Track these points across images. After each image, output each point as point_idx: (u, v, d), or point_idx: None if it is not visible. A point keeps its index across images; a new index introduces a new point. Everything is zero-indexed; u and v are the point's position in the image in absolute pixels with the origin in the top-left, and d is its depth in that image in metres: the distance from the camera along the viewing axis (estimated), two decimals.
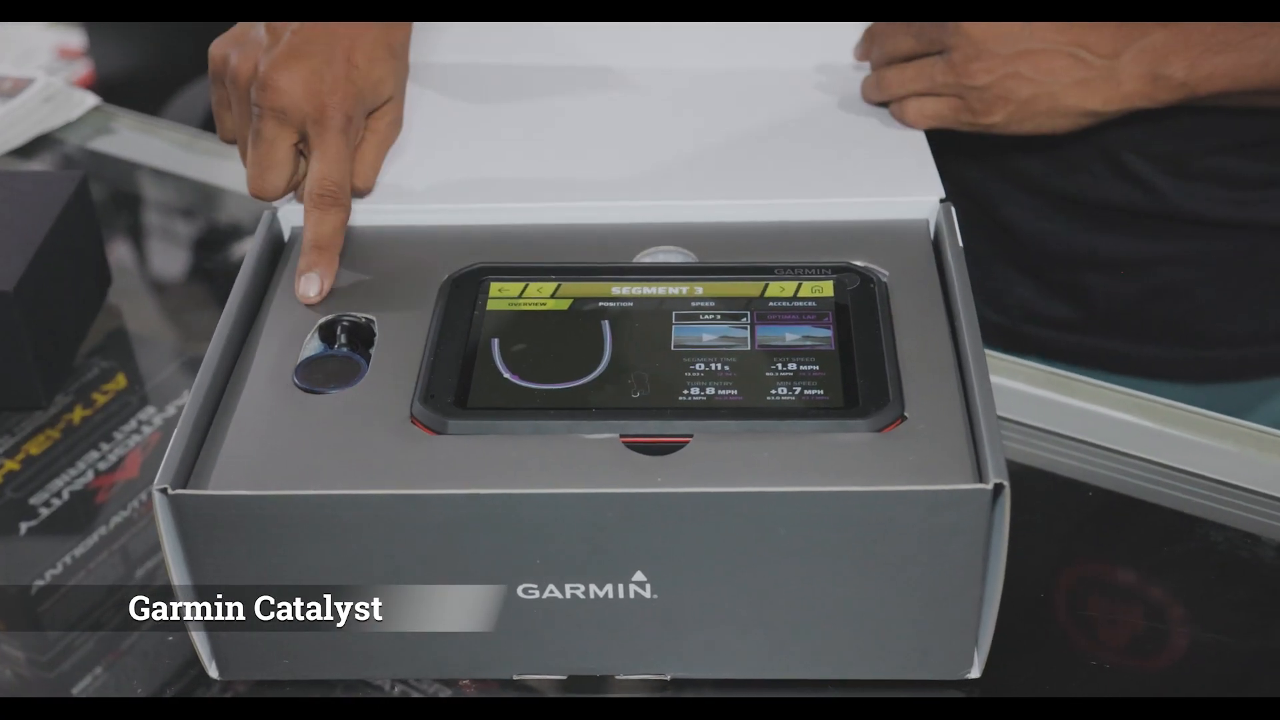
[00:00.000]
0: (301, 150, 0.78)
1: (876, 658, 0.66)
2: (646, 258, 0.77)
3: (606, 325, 0.71)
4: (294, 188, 0.79)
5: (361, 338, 0.71)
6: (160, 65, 1.84)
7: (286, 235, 0.79)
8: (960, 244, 0.74)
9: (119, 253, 1.10)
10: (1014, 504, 0.60)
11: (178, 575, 0.64)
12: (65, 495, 0.85)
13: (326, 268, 0.74)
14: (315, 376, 0.68)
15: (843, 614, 0.64)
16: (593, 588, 0.64)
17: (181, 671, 0.73)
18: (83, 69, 2.04)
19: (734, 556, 0.63)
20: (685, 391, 0.67)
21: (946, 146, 0.84)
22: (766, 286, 0.73)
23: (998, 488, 0.60)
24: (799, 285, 0.74)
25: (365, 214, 0.79)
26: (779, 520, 0.62)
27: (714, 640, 0.66)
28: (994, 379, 0.79)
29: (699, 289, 0.74)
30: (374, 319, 0.72)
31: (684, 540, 0.62)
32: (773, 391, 0.67)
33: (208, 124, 1.54)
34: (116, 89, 1.64)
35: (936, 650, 0.65)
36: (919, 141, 0.84)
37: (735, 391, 0.67)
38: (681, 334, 0.71)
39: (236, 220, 1.12)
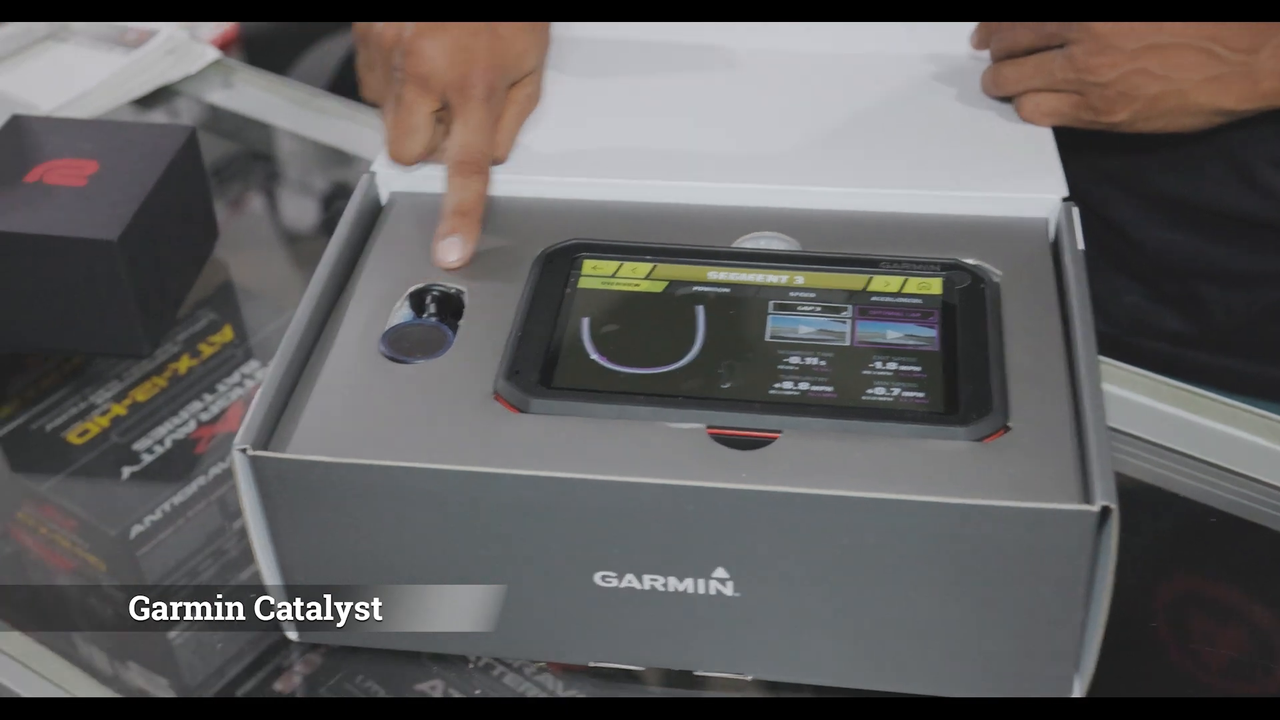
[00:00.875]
0: (441, 117, 0.77)
1: (968, 676, 0.63)
2: (747, 243, 0.74)
3: (700, 311, 0.69)
4: (430, 154, 0.78)
5: (451, 308, 0.70)
6: (302, 25, 1.84)
7: (384, 199, 0.78)
8: (1081, 247, 0.70)
9: (229, 206, 1.11)
10: (1123, 522, 0.57)
11: (256, 535, 0.63)
12: (168, 443, 0.86)
13: (468, 233, 0.73)
14: (401, 345, 0.67)
15: (932, 628, 0.62)
16: (672, 580, 0.62)
17: (261, 634, 0.73)
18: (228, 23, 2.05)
19: (820, 560, 0.60)
20: (777, 385, 0.65)
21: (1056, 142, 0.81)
22: (870, 280, 0.71)
23: (1105, 510, 0.57)
24: (905, 281, 0.71)
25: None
26: (868, 527, 0.59)
27: (796, 644, 0.63)
28: (1107, 387, 0.75)
29: (799, 278, 0.71)
30: (464, 290, 0.71)
31: (768, 539, 0.60)
32: (869, 391, 0.64)
33: (332, 84, 1.55)
34: (257, 41, 1.65)
35: (1034, 675, 0.62)
36: (1044, 137, 0.80)
37: (830, 388, 0.64)
38: (778, 324, 0.68)
39: (348, 180, 1.12)
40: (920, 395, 0.64)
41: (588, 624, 0.64)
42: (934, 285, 0.70)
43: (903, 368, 0.65)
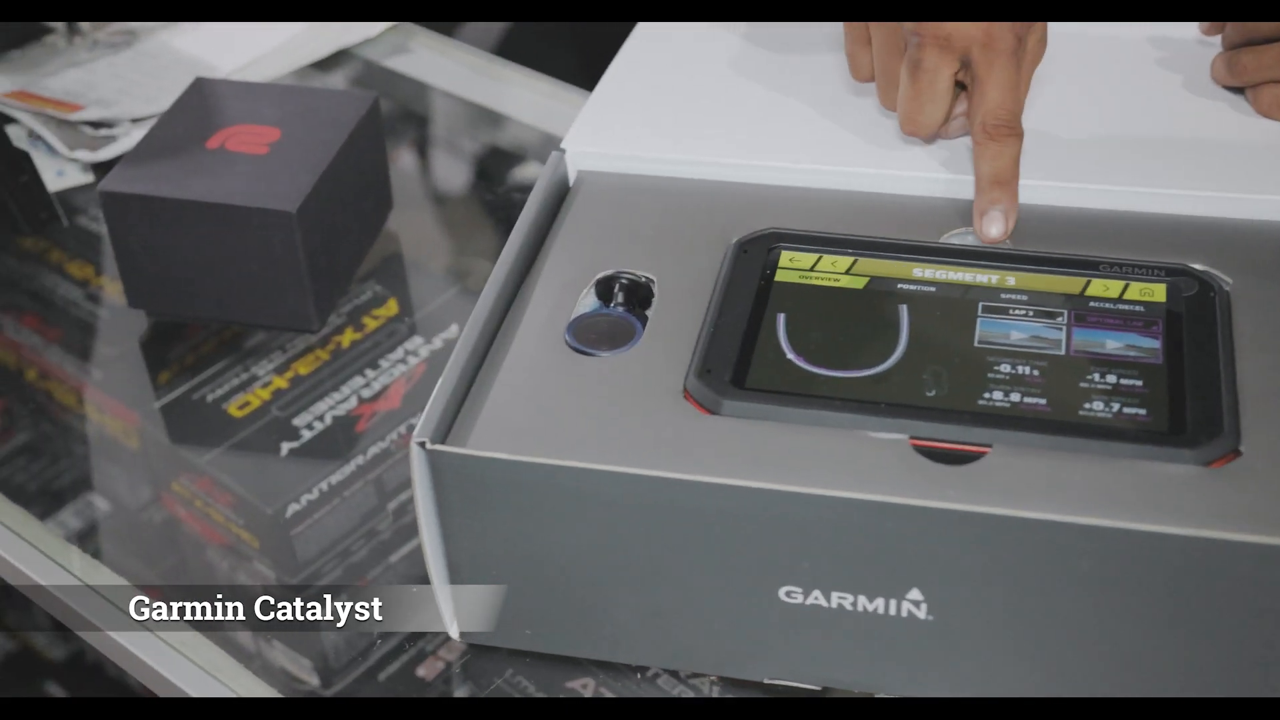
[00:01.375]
0: (960, 80, 0.73)
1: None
2: (954, 238, 0.70)
3: (904, 311, 0.65)
4: (947, 123, 0.74)
5: (639, 298, 0.67)
6: None
7: (572, 178, 0.75)
8: None
9: (403, 176, 1.09)
10: None
11: (428, 532, 0.61)
12: (328, 419, 0.85)
13: (1010, 203, 0.69)
14: (588, 336, 0.64)
15: (1140, 667, 0.57)
16: (862, 600, 0.58)
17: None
18: None
19: (1024, 587, 0.56)
20: (986, 395, 0.61)
21: None
22: (1089, 284, 0.66)
23: None
24: (1126, 286, 0.66)
25: (653, 164, 0.74)
26: (1082, 554, 0.55)
27: (989, 674, 0.59)
28: None
29: (1010, 279, 0.66)
30: (653, 279, 0.68)
31: (970, 562, 0.56)
32: (1087, 405, 0.60)
33: (499, 47, 1.53)
34: None
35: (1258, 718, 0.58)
36: (1278, 132, 0.75)
37: (1044, 400, 0.60)
38: (987, 329, 0.64)
39: (525, 151, 1.10)
40: (1142, 412, 0.59)
41: (767, 640, 0.61)
42: (1158, 292, 0.65)
43: (1123, 381, 0.61)
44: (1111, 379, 0.61)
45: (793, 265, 0.68)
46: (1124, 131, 0.75)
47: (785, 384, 0.62)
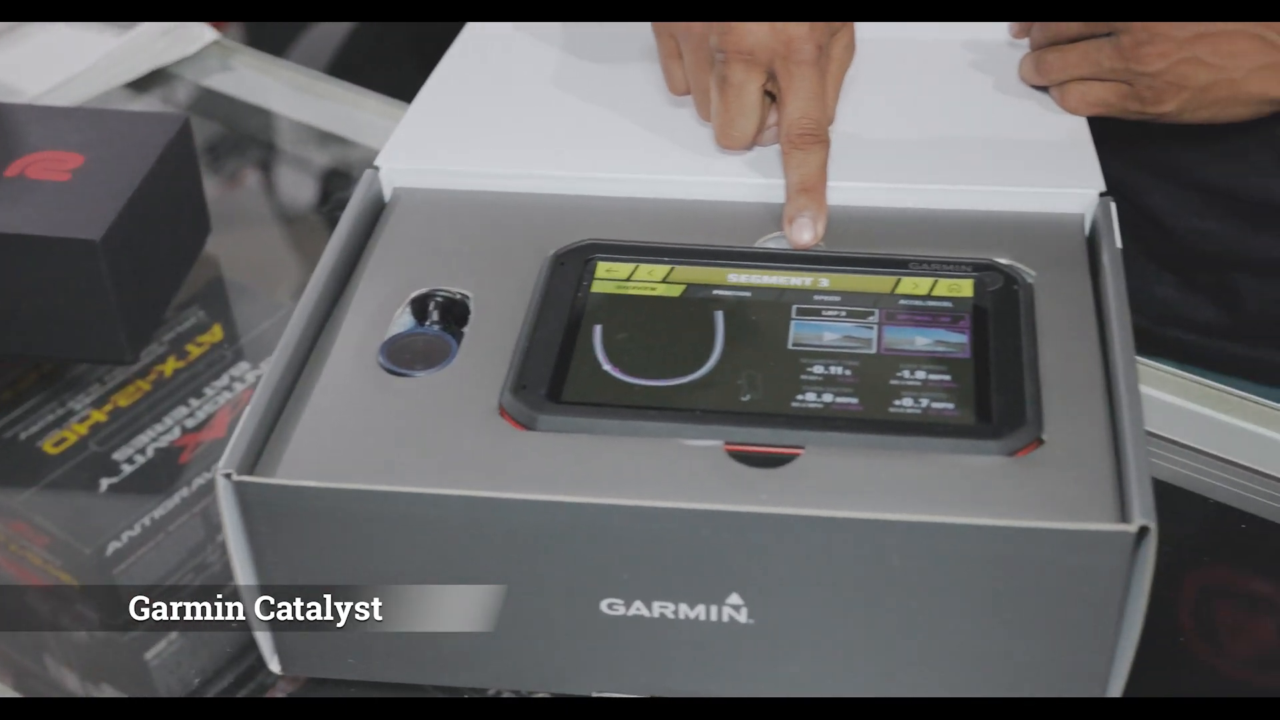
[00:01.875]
0: (768, 91, 0.73)
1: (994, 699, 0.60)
2: (770, 243, 0.70)
3: (719, 317, 0.65)
4: (760, 133, 0.75)
5: (455, 315, 0.67)
6: None
7: (387, 196, 0.74)
8: (1119, 245, 0.67)
9: (224, 199, 1.07)
10: (1161, 532, 0.53)
11: (240, 565, 0.59)
12: (149, 452, 0.82)
13: (818, 210, 0.70)
14: (402, 356, 0.64)
15: (956, 656, 0.58)
16: (683, 608, 0.58)
17: (240, 656, 0.70)
18: None
19: (839, 585, 0.57)
20: (800, 397, 0.61)
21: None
22: (899, 282, 0.67)
23: (1142, 530, 0.53)
24: (935, 283, 0.67)
25: (469, 179, 0.74)
26: (893, 549, 0.56)
27: (811, 672, 0.60)
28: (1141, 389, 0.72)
29: (824, 281, 0.67)
30: (469, 295, 0.67)
31: (785, 564, 0.57)
32: (897, 402, 0.61)
33: (333, 65, 1.51)
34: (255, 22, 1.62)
35: (1061, 693, 0.59)
36: (1079, 128, 0.77)
37: (855, 400, 0.61)
38: (801, 331, 0.65)
39: (351, 169, 1.08)
40: (950, 406, 0.60)
41: (593, 654, 0.61)
42: (965, 287, 0.67)
43: (932, 377, 0.62)
44: (920, 375, 0.62)
45: (609, 276, 0.68)
46: (934, 131, 0.77)
47: (601, 396, 0.62)
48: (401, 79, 1.13)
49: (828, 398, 0.61)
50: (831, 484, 0.57)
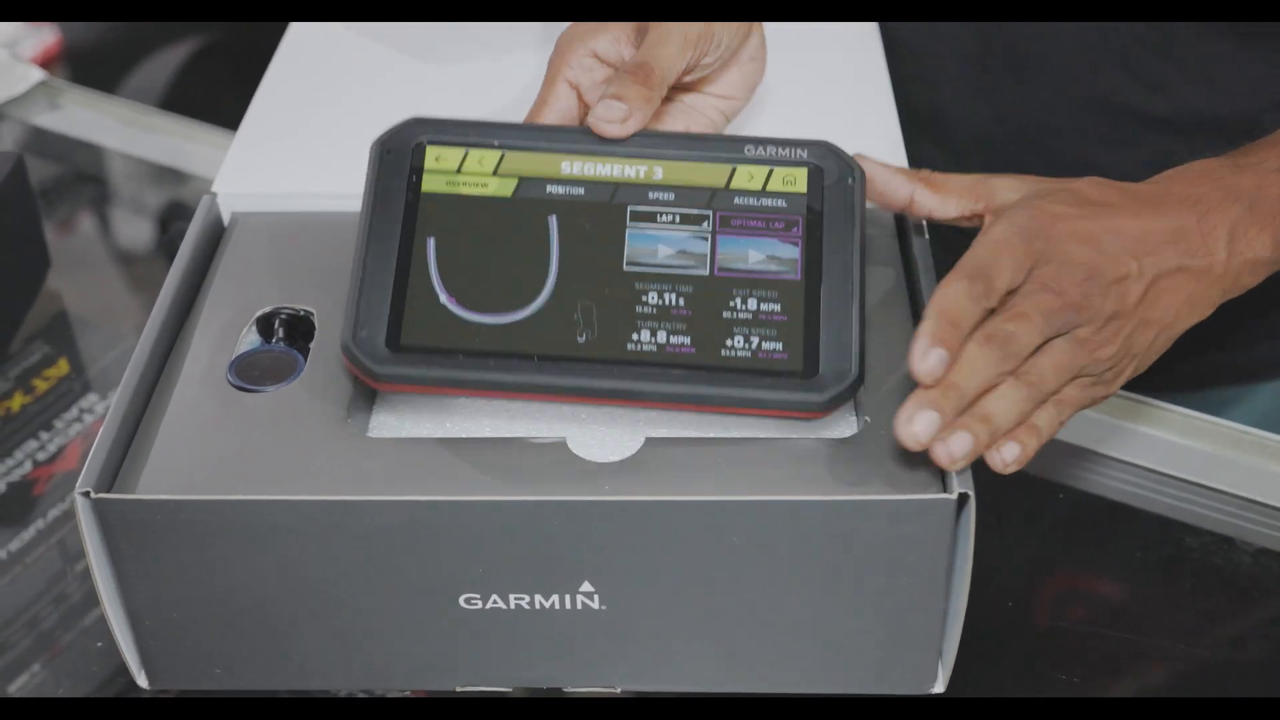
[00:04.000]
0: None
1: (836, 672, 0.63)
2: None
3: (554, 225, 0.64)
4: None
5: (301, 331, 0.68)
6: (129, 35, 1.79)
7: (226, 220, 0.76)
8: (926, 236, 0.71)
9: (61, 234, 1.07)
10: (981, 506, 0.57)
11: (102, 584, 0.60)
12: (1, 486, 0.82)
13: (637, 100, 0.66)
14: (250, 374, 0.65)
15: (799, 627, 0.62)
16: (538, 598, 0.61)
17: (111, 679, 0.70)
18: (50, 36, 1.99)
19: (685, 567, 0.60)
20: (635, 337, 0.62)
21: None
22: (734, 172, 0.65)
23: (963, 497, 0.57)
24: (770, 173, 0.65)
25: (304, 199, 0.75)
26: (731, 530, 0.59)
27: (666, 653, 0.63)
28: None
29: (659, 170, 0.65)
30: (313, 311, 0.69)
31: (632, 550, 0.59)
32: (729, 343, 0.62)
33: (166, 99, 1.50)
34: (84, 57, 1.60)
35: (899, 665, 0.63)
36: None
37: (688, 340, 0.62)
38: (636, 244, 0.64)
39: (184, 200, 1.08)
40: (778, 348, 0.62)
41: (455, 650, 0.63)
42: (799, 179, 0.65)
43: (762, 307, 0.62)
44: (752, 305, 0.62)
45: (439, 167, 0.66)
46: None
47: (440, 338, 0.61)
48: (237, 107, 1.13)
49: (662, 337, 0.62)
50: (668, 471, 0.60)
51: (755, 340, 0.62)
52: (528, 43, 0.88)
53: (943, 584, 0.60)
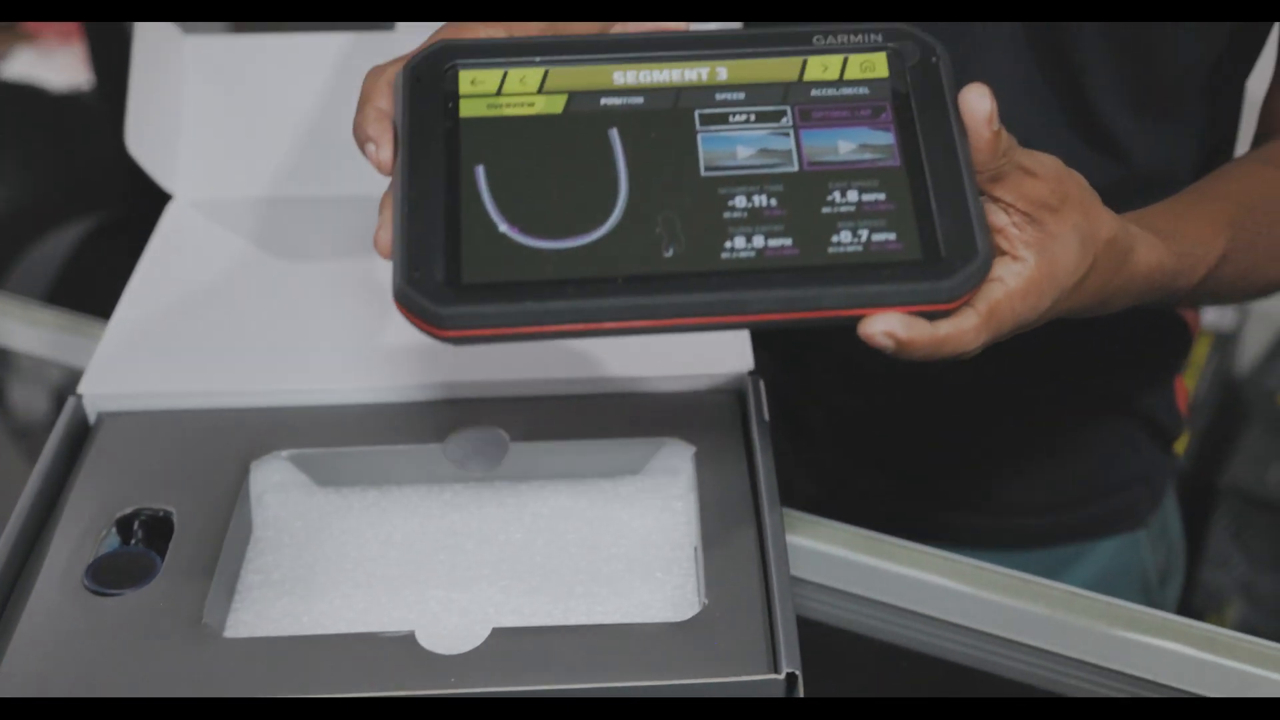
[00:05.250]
0: None
1: None
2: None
3: (615, 137, 0.59)
4: None
5: (160, 531, 0.70)
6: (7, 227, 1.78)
7: (92, 420, 0.78)
8: (767, 418, 0.74)
9: None
10: (825, 670, 0.60)
11: None
12: None
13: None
14: (106, 577, 0.67)
15: None
16: None
17: None
18: None
19: None
20: (729, 245, 0.57)
21: None
22: (805, 64, 0.61)
23: (790, 677, 0.61)
24: (845, 61, 0.61)
25: (172, 398, 0.77)
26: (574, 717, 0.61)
27: None
28: (808, 543, 0.80)
29: (722, 71, 0.61)
30: (173, 510, 0.71)
31: None
32: (835, 240, 0.57)
33: (52, 291, 1.51)
34: None
35: None
36: None
37: (789, 241, 0.57)
38: (711, 148, 0.59)
39: (38, 391, 1.09)
40: (891, 238, 0.57)
41: None
42: (879, 65, 0.61)
43: (865, 197, 0.58)
44: (853, 196, 0.58)
45: (476, 90, 0.60)
46: None
47: (507, 271, 0.56)
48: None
49: (759, 241, 0.57)
50: (515, 662, 0.62)
51: (864, 232, 0.57)
52: None
53: None
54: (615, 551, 0.70)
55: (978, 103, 0.58)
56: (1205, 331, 1.84)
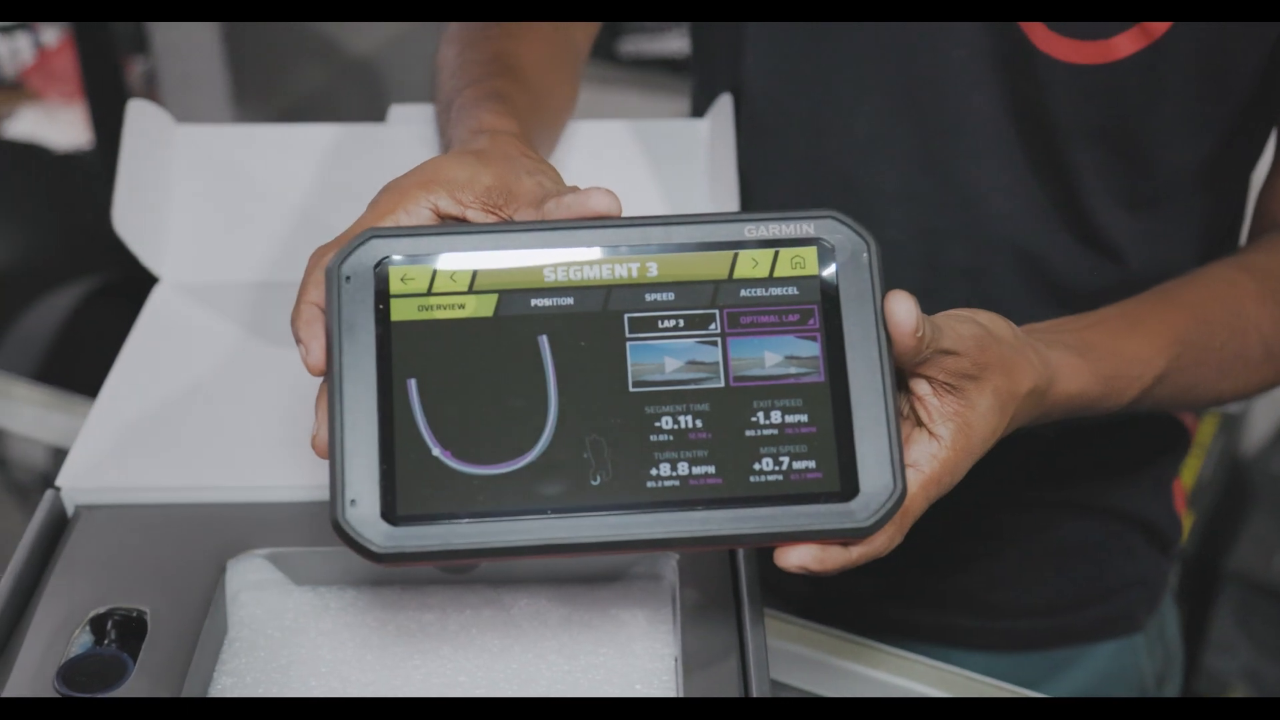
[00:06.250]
0: None
1: None
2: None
3: (545, 345, 0.59)
4: None
5: (133, 631, 0.69)
6: None
7: (70, 513, 0.77)
8: None
9: None
10: None
11: None
12: None
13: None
14: (76, 680, 0.66)
15: None
16: None
17: None
18: None
19: None
20: (655, 470, 0.58)
21: None
22: (736, 260, 0.60)
23: None
24: (775, 256, 0.60)
25: (146, 493, 0.76)
26: None
27: None
28: (793, 647, 0.79)
29: (652, 267, 0.60)
30: (146, 610, 0.70)
31: None
32: (756, 466, 0.58)
33: (40, 368, 1.50)
34: None
35: None
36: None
37: (712, 469, 0.58)
38: (639, 359, 0.59)
39: (47, 473, 1.09)
40: (811, 466, 0.58)
41: None
42: (809, 260, 0.60)
43: (788, 419, 0.58)
44: (776, 418, 0.58)
45: (406, 289, 0.59)
46: None
47: (440, 502, 0.57)
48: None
49: (684, 469, 0.58)
50: None
51: (785, 460, 0.58)
52: None
53: None
54: (594, 660, 0.69)
55: (904, 317, 0.58)
56: (1211, 412, 1.83)
